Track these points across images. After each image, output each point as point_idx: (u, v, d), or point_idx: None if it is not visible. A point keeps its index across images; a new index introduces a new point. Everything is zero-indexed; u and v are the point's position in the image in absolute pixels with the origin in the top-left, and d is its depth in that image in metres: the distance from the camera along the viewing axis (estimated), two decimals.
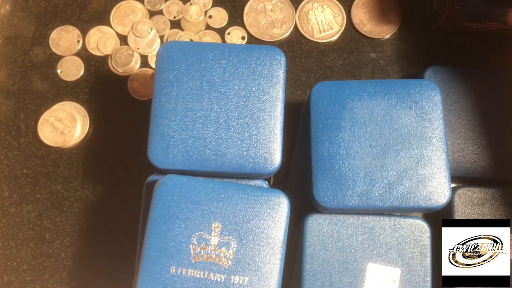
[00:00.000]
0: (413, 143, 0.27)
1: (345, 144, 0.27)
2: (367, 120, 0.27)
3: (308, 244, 0.28)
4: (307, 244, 0.28)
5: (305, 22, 0.37)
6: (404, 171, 0.26)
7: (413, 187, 0.26)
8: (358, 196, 0.26)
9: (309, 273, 0.28)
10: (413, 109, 0.27)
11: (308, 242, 0.28)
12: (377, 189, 0.26)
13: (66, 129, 0.35)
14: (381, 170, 0.26)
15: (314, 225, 0.28)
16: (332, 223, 0.28)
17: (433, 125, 0.27)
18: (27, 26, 0.37)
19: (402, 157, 0.27)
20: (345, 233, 0.28)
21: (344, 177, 0.27)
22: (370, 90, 0.28)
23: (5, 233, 0.34)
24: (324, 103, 0.28)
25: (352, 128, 0.27)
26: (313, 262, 0.28)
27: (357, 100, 0.28)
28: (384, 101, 0.28)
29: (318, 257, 0.28)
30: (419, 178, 0.26)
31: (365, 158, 0.27)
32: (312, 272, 0.28)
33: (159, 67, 0.29)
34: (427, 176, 0.26)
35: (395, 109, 0.28)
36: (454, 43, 0.37)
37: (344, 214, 0.28)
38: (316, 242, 0.28)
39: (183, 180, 0.27)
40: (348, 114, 0.28)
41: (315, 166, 0.27)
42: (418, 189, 0.26)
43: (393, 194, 0.26)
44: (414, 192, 0.26)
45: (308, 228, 0.28)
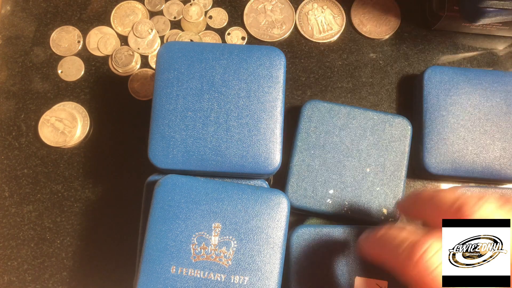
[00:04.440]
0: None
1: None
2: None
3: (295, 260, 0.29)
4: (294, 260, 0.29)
5: (305, 22, 0.37)
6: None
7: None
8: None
9: None
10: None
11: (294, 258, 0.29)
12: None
13: (67, 129, 0.35)
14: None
15: (300, 240, 0.29)
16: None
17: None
18: (27, 27, 0.37)
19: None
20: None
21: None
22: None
23: (5, 233, 0.34)
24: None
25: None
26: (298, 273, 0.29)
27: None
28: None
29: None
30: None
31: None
32: None
33: (159, 68, 0.29)
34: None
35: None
36: (453, 43, 0.37)
37: None
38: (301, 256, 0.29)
39: (183, 180, 0.27)
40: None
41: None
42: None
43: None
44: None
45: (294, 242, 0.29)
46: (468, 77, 0.33)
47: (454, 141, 0.32)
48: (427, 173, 0.32)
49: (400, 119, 0.32)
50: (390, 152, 0.32)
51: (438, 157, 0.32)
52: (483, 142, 0.32)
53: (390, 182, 0.31)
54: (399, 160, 0.32)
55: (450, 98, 0.33)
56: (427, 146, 0.32)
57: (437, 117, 0.32)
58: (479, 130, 0.32)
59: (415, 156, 0.33)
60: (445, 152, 0.32)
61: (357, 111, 0.32)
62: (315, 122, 0.32)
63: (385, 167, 0.31)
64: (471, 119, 0.32)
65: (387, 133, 0.32)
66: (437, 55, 0.37)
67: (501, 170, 0.32)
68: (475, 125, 0.32)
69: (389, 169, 0.31)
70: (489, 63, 0.37)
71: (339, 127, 0.32)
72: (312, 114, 0.32)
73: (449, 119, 0.32)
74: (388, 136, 0.32)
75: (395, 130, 0.32)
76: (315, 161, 0.31)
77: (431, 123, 0.32)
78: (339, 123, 0.32)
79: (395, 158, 0.32)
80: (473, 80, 0.33)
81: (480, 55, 0.37)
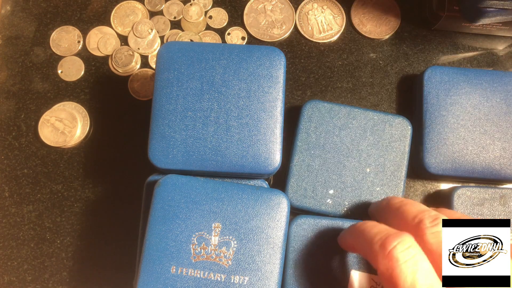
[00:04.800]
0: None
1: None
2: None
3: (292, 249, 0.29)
4: (291, 249, 0.29)
5: (305, 22, 0.37)
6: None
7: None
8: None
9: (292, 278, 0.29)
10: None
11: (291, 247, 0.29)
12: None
13: (67, 129, 0.35)
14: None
15: (299, 230, 0.29)
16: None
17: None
18: (27, 27, 0.37)
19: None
20: None
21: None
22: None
23: (5, 233, 0.34)
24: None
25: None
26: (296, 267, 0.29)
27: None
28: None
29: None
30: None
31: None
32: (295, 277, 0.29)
33: (159, 68, 0.29)
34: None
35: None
36: (453, 43, 0.37)
37: None
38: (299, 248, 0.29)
39: (183, 180, 0.27)
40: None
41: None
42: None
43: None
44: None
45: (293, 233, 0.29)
46: (468, 77, 0.33)
47: (454, 141, 0.32)
48: (427, 173, 0.32)
49: (400, 119, 0.32)
50: (390, 152, 0.32)
51: (438, 157, 0.32)
52: (483, 142, 0.32)
53: (390, 182, 0.31)
54: (399, 160, 0.32)
55: (450, 98, 0.33)
56: (427, 146, 0.32)
57: (437, 117, 0.32)
58: (479, 130, 0.32)
59: (415, 156, 0.33)
60: (445, 152, 0.32)
61: (357, 111, 0.32)
62: (315, 122, 0.32)
63: (385, 167, 0.31)
64: (471, 119, 0.32)
65: (387, 133, 0.32)
66: (437, 55, 0.37)
67: (501, 170, 0.32)
68: (475, 125, 0.32)
69: (389, 169, 0.31)
70: (489, 63, 0.37)
71: (339, 127, 0.32)
72: (312, 114, 0.32)
73: (449, 119, 0.32)
74: (388, 136, 0.32)
75: (395, 130, 0.32)
76: (315, 161, 0.31)
77: (431, 123, 0.32)
78: (339, 123, 0.32)
79: (395, 158, 0.32)
80: (473, 80, 0.33)
81: (480, 55, 0.37)
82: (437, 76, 0.33)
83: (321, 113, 0.32)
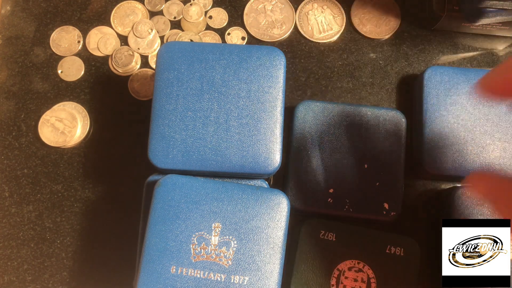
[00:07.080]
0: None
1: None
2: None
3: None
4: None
5: (305, 22, 0.37)
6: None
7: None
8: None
9: None
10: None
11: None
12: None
13: (67, 129, 0.35)
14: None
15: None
16: None
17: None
18: (27, 27, 0.37)
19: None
20: None
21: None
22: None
23: (5, 233, 0.34)
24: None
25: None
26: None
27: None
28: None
29: None
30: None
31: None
32: None
33: (159, 68, 0.29)
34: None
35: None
36: (453, 43, 0.37)
37: None
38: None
39: (183, 180, 0.27)
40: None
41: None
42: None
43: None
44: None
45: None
46: (468, 77, 0.33)
47: (454, 141, 0.32)
48: (427, 173, 0.32)
49: (394, 112, 0.32)
50: (387, 145, 0.32)
51: (438, 157, 0.32)
52: (483, 142, 0.32)
53: (389, 175, 0.31)
54: (396, 153, 0.32)
55: (450, 98, 0.33)
56: (427, 146, 0.32)
57: (437, 117, 0.32)
58: (479, 130, 0.32)
59: (415, 156, 0.33)
60: (445, 152, 0.32)
61: (350, 108, 0.32)
62: (310, 122, 0.32)
63: (383, 161, 0.31)
64: (471, 119, 0.32)
65: (381, 127, 0.32)
66: (437, 55, 0.37)
67: (501, 170, 0.32)
68: (475, 125, 0.32)
69: (387, 163, 0.31)
70: (489, 63, 0.37)
71: (333, 126, 0.32)
72: (305, 115, 0.32)
73: (449, 119, 0.32)
74: (383, 131, 0.32)
75: (389, 124, 0.32)
76: (313, 161, 0.31)
77: (431, 123, 0.32)
78: (333, 121, 0.32)
79: (392, 151, 0.32)
80: (473, 80, 0.33)
81: (480, 55, 0.37)
82: (437, 76, 0.33)
83: (315, 113, 0.32)
